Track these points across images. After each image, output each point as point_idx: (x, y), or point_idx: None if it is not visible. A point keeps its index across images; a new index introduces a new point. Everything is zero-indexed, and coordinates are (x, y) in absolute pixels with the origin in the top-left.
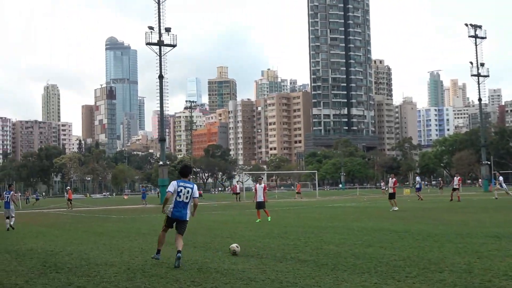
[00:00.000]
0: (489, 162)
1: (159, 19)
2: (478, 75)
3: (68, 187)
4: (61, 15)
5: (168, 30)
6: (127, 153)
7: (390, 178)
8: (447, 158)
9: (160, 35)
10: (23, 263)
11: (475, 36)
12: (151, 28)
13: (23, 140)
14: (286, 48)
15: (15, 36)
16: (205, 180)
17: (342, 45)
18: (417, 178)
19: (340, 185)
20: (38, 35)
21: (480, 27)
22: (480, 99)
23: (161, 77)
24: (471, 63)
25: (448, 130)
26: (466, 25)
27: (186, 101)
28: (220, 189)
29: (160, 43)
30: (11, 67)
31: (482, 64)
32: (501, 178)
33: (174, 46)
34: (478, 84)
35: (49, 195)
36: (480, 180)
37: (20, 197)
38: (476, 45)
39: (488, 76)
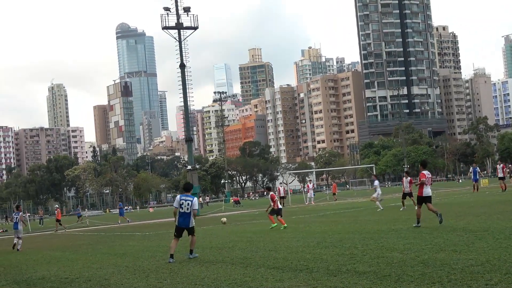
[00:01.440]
0: None
1: None
2: None
3: (57, 206)
4: (62, 3)
5: (187, 10)
6: (149, 159)
7: (405, 177)
8: None
9: (178, 16)
10: None
11: None
12: (167, 9)
13: (28, 152)
14: (329, 21)
15: (11, 31)
16: (243, 184)
17: (396, 12)
18: (471, 168)
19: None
20: (37, 28)
21: None
22: None
23: (182, 66)
24: None
25: None
26: None
27: (215, 92)
28: (257, 194)
29: (178, 26)
30: (8, 66)
31: None
32: None
33: (195, 28)
34: None
35: (62, 213)
36: None
37: (29, 218)
38: None
39: None
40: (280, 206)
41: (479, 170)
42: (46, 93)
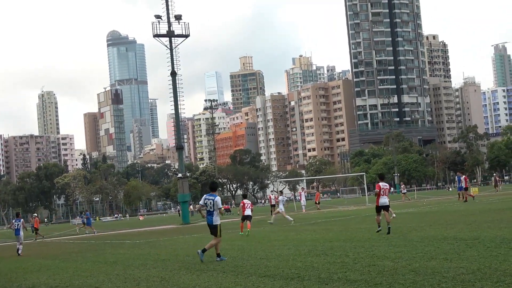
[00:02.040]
0: None
1: (167, 5)
2: None
3: (35, 214)
4: (53, 10)
5: (178, 18)
6: (140, 166)
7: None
8: None
9: (169, 24)
10: None
11: None
12: (158, 17)
13: (18, 159)
14: (320, 29)
15: (2, 37)
16: (233, 192)
17: (387, 21)
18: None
19: (392, 188)
20: (27, 34)
21: None
22: None
23: (173, 73)
24: None
25: None
26: None
27: (206, 100)
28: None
29: (170, 34)
30: None
31: None
32: None
33: (186, 36)
34: None
35: (51, 221)
36: None
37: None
38: None
39: None
40: (248, 213)
41: (462, 179)
42: (36, 100)
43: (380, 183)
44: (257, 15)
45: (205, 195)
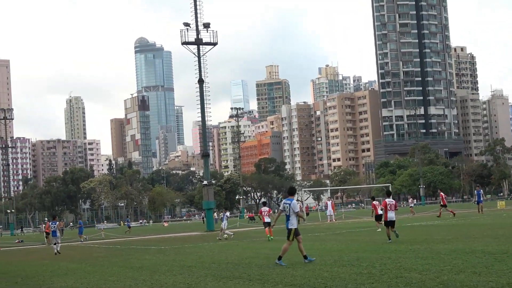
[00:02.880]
0: None
1: (196, 13)
2: None
3: (46, 219)
4: (81, 17)
5: (206, 26)
6: (165, 173)
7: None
8: None
9: (197, 32)
10: None
11: None
12: (187, 24)
13: (45, 163)
14: (347, 39)
15: (30, 43)
16: (257, 200)
17: (415, 32)
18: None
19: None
20: (56, 40)
21: None
22: None
23: (201, 81)
24: None
25: None
26: None
27: (232, 108)
28: (273, 211)
29: (198, 42)
30: (27, 78)
31: None
32: None
33: (214, 44)
34: None
35: (76, 225)
36: None
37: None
38: None
39: None
40: (268, 220)
41: (482, 193)
42: (64, 105)
43: (387, 200)
44: (284, 24)
45: (283, 200)
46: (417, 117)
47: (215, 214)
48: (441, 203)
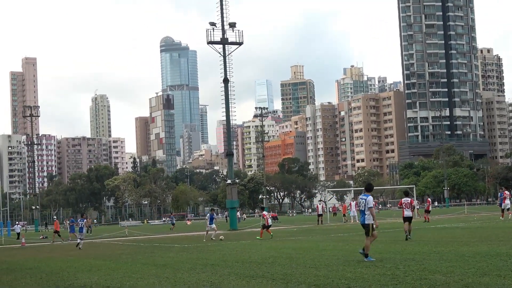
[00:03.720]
0: None
1: (222, 13)
2: None
3: (55, 217)
4: (108, 16)
5: (232, 25)
6: (188, 171)
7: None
8: None
9: (223, 32)
10: None
11: None
12: (213, 24)
13: (70, 160)
14: (372, 40)
15: (58, 42)
16: (280, 200)
17: (441, 33)
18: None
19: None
20: (82, 38)
21: None
22: None
23: (226, 81)
24: None
25: None
26: None
27: (256, 108)
28: (297, 210)
29: (224, 41)
30: (54, 76)
31: None
32: None
33: (240, 44)
34: None
35: (100, 222)
36: None
37: (69, 225)
38: None
39: None
40: (270, 223)
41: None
42: (89, 103)
43: (403, 199)
44: (309, 24)
45: (360, 195)
46: (442, 119)
47: (238, 213)
48: (426, 209)
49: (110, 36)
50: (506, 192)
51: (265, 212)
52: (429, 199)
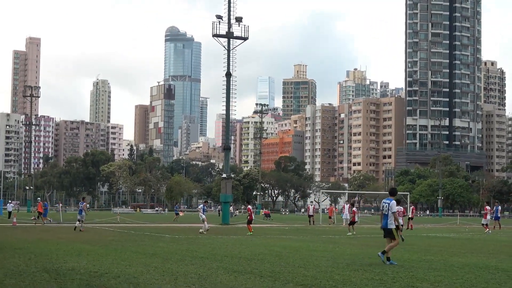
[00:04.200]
0: None
1: (229, 7)
2: None
3: (39, 199)
4: (115, 2)
5: (239, 20)
6: (184, 163)
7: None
8: None
9: (229, 25)
10: (63, 284)
11: None
12: (219, 17)
13: (67, 143)
14: (377, 44)
15: (63, 24)
16: (274, 198)
17: (446, 42)
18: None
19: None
20: (87, 23)
21: None
22: None
23: (228, 75)
24: None
25: None
26: None
27: (257, 104)
28: (290, 209)
29: (229, 35)
30: (56, 57)
31: None
32: None
33: (245, 39)
34: None
35: (93, 207)
36: None
37: (61, 209)
38: None
39: None
40: (253, 218)
41: (500, 209)
42: (90, 87)
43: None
44: (315, 24)
45: (383, 200)
46: (441, 128)
47: (231, 208)
48: (410, 216)
49: (116, 23)
50: (487, 207)
51: (250, 207)
52: (413, 207)
